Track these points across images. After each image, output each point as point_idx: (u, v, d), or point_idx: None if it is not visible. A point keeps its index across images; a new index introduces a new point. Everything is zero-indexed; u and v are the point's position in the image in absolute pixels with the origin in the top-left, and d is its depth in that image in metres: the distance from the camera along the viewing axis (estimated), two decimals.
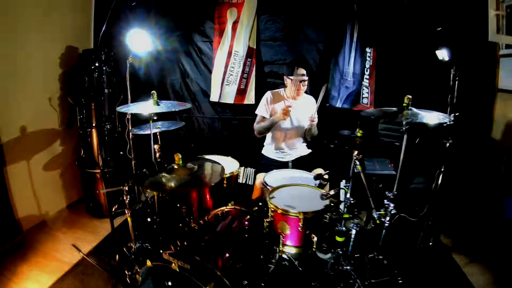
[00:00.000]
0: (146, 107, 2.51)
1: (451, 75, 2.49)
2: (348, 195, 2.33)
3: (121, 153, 3.35)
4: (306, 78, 2.79)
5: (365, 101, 3.35)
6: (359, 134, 2.25)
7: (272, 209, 2.10)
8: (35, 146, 3.06)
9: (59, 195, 3.39)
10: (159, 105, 2.53)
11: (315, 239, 2.06)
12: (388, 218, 2.43)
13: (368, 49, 3.25)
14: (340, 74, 3.33)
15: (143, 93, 3.48)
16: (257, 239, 2.24)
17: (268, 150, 3.11)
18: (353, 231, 2.29)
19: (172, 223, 2.88)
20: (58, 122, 3.24)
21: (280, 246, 2.10)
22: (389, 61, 3.24)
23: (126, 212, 2.36)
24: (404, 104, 2.24)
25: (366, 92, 3.34)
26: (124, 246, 2.53)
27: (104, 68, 3.14)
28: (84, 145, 3.25)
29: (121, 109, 2.50)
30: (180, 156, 2.12)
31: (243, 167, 3.63)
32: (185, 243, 2.04)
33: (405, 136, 2.33)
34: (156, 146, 2.82)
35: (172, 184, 1.97)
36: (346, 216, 2.24)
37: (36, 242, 2.90)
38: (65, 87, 3.22)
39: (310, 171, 2.77)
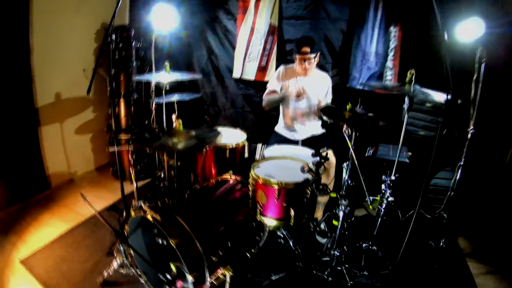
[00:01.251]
0: (159, 76, 2.66)
1: (476, 57, 2.26)
2: (346, 176, 2.26)
3: (146, 122, 3.58)
4: (310, 56, 2.71)
5: (388, 83, 3.17)
6: (348, 108, 2.14)
7: (253, 178, 2.08)
8: (68, 112, 3.41)
9: (88, 158, 3.73)
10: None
11: (292, 213, 2.01)
12: (384, 206, 2.31)
13: (393, 28, 3.07)
14: (362, 54, 3.20)
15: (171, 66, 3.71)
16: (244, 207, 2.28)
17: (280, 126, 3.13)
18: (341, 214, 2.20)
19: (178, 186, 3.05)
20: (92, 91, 3.54)
21: (258, 215, 2.10)
22: (417, 43, 3.02)
23: (131, 170, 2.53)
24: (406, 80, 2.11)
25: (390, 74, 3.17)
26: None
27: (133, 42, 3.38)
28: (113, 113, 3.51)
29: (137, 78, 2.69)
30: (181, 121, 2.24)
31: (260, 144, 3.66)
32: (168, 200, 2.16)
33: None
34: (173, 116, 3.00)
35: (180, 146, 2.08)
36: (332, 195, 2.16)
37: (61, 196, 3.25)
38: (98, 59, 3.51)
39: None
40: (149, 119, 3.48)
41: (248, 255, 2.35)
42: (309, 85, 2.89)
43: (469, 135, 2.37)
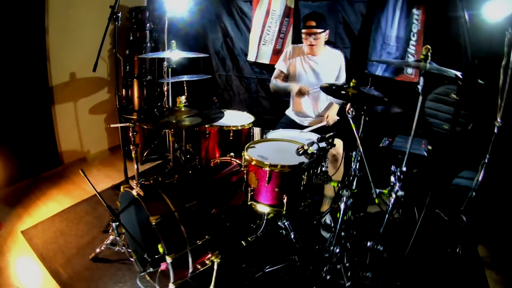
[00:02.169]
0: (165, 54, 2.62)
1: (506, 39, 1.97)
2: (354, 166, 2.05)
3: (159, 104, 3.57)
4: (316, 30, 2.54)
5: (409, 70, 2.91)
6: (352, 84, 1.92)
7: (246, 159, 1.94)
8: (82, 91, 3.47)
9: (102, 137, 3.79)
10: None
11: (285, 200, 1.85)
12: (392, 200, 2.06)
13: (415, 10, 2.78)
14: (382, 38, 2.94)
15: (185, 48, 3.69)
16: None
17: (290, 110, 3.00)
18: (342, 205, 1.99)
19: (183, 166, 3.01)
20: (107, 72, 3.60)
21: (248, 199, 1.96)
22: (442, 27, 2.70)
23: (132, 148, 2.51)
24: (421, 56, 1.85)
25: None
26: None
27: (147, 24, 3.37)
28: (126, 94, 3.56)
29: (142, 56, 2.65)
30: (181, 99, 2.18)
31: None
32: (159, 178, 2.10)
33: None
34: (183, 97, 2.97)
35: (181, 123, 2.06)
36: (333, 184, 1.95)
37: (71, 173, 3.34)
38: (113, 41, 3.54)
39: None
40: (162, 101, 3.47)
41: (244, 243, 2.24)
42: (319, 65, 2.72)
43: (495, 129, 2.09)
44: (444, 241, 2.42)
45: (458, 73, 1.70)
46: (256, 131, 3.59)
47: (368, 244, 2.19)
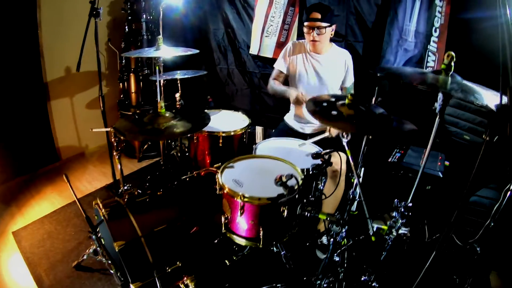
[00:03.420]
0: (151, 53, 2.39)
1: None
2: (352, 192, 1.78)
3: (157, 99, 3.41)
4: (320, 24, 2.19)
5: (429, 69, 2.53)
6: (347, 101, 1.51)
7: (219, 183, 1.67)
8: (78, 86, 3.38)
9: (100, 132, 3.66)
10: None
11: (261, 233, 1.60)
12: (393, 236, 1.77)
13: (439, 2, 2.39)
14: (399, 32, 2.57)
15: (184, 40, 3.48)
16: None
17: (289, 115, 2.70)
18: (330, 242, 1.74)
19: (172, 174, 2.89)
20: (105, 66, 3.47)
21: (223, 227, 1.72)
22: (470, 22, 2.32)
23: (114, 154, 2.40)
24: (442, 66, 1.40)
25: (432, 60, 2.54)
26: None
27: (144, 15, 3.17)
28: (123, 88, 3.43)
29: (127, 54, 2.48)
30: (162, 104, 2.00)
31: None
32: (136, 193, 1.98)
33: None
34: (177, 95, 2.80)
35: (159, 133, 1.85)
36: (321, 217, 1.64)
37: (68, 170, 3.33)
38: (110, 33, 3.40)
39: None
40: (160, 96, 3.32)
41: (227, 262, 2.09)
42: (323, 65, 2.40)
43: None
44: (453, 269, 2.15)
45: (491, 105, 1.26)
46: (258, 130, 3.37)
47: (363, 278, 1.96)
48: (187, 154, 3.03)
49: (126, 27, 3.19)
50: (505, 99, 1.10)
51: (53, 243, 2.45)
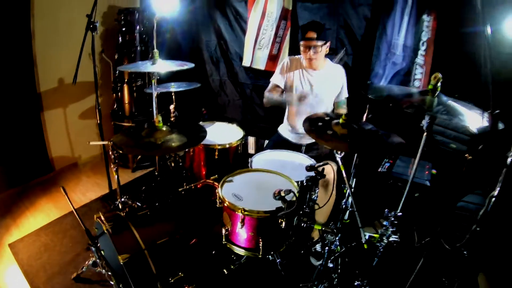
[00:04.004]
0: (147, 68, 2.43)
1: None
2: (344, 202, 1.89)
3: (150, 109, 3.46)
4: (316, 43, 2.29)
5: (417, 83, 2.68)
6: (341, 121, 1.65)
7: (219, 197, 1.77)
8: (72, 97, 3.38)
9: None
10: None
11: (261, 244, 1.69)
12: (384, 243, 1.88)
13: (426, 17, 2.52)
14: (387, 46, 2.69)
15: (176, 52, 3.52)
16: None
17: (283, 127, 2.77)
18: (326, 249, 1.84)
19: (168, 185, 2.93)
20: (98, 76, 3.46)
21: (223, 238, 1.81)
22: (455, 37, 2.44)
23: (112, 166, 2.42)
24: (429, 87, 1.53)
25: (420, 73, 2.65)
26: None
27: (137, 26, 3.21)
28: (116, 99, 3.45)
29: (122, 68, 2.51)
30: (160, 119, 2.04)
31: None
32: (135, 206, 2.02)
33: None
34: (171, 106, 2.83)
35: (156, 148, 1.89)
36: (317, 227, 1.77)
37: (61, 181, 3.32)
38: (104, 44, 3.41)
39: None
40: (153, 107, 3.35)
41: (225, 271, 2.15)
42: (319, 81, 2.48)
43: (508, 160, 1.86)
44: (441, 271, 2.26)
45: (473, 128, 1.41)
46: (251, 140, 3.44)
47: (356, 283, 2.06)
48: (180, 164, 3.07)
49: (120, 38, 3.22)
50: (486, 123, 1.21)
51: (50, 255, 2.46)
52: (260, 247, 1.70)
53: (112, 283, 2.12)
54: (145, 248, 1.77)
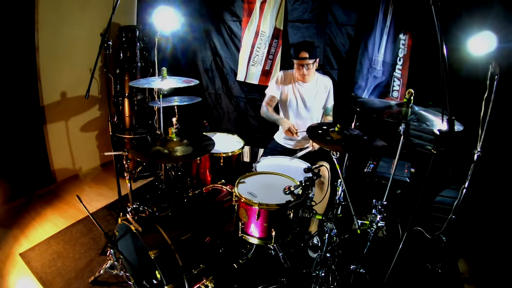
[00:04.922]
0: (156, 82, 2.64)
1: (488, 73, 2.05)
2: (338, 196, 2.19)
3: (150, 122, 3.63)
4: (309, 61, 2.62)
5: (395, 94, 3.05)
6: (336, 129, 2.01)
7: (236, 196, 2.06)
8: (73, 110, 3.50)
9: (94, 154, 3.83)
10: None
11: (273, 233, 1.97)
12: (373, 229, 2.21)
13: (402, 36, 2.90)
14: (369, 62, 3.07)
15: (174, 67, 3.72)
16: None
17: (278, 135, 3.06)
18: (326, 236, 2.14)
19: (175, 191, 3.10)
20: (98, 90, 3.63)
21: (240, 231, 2.07)
22: (427, 53, 2.81)
23: (125, 175, 2.57)
24: (404, 100, 1.92)
25: (397, 85, 3.02)
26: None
27: (138, 43, 3.40)
28: (117, 112, 3.60)
29: (133, 83, 2.68)
30: (173, 130, 2.25)
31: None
32: (154, 209, 2.21)
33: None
34: (174, 119, 3.03)
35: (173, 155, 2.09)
36: (318, 217, 2.09)
37: (64, 192, 3.38)
38: (104, 59, 3.55)
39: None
40: (153, 120, 3.52)
41: (235, 265, 2.37)
42: (309, 91, 2.80)
43: (475, 157, 2.23)
44: (425, 258, 2.57)
45: (436, 130, 1.78)
46: (246, 149, 3.69)
47: (352, 267, 2.35)
48: (179, 173, 3.25)
49: (121, 54, 3.39)
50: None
51: (64, 261, 2.55)
52: (273, 236, 1.98)
53: (130, 283, 2.28)
54: (172, 244, 1.97)
